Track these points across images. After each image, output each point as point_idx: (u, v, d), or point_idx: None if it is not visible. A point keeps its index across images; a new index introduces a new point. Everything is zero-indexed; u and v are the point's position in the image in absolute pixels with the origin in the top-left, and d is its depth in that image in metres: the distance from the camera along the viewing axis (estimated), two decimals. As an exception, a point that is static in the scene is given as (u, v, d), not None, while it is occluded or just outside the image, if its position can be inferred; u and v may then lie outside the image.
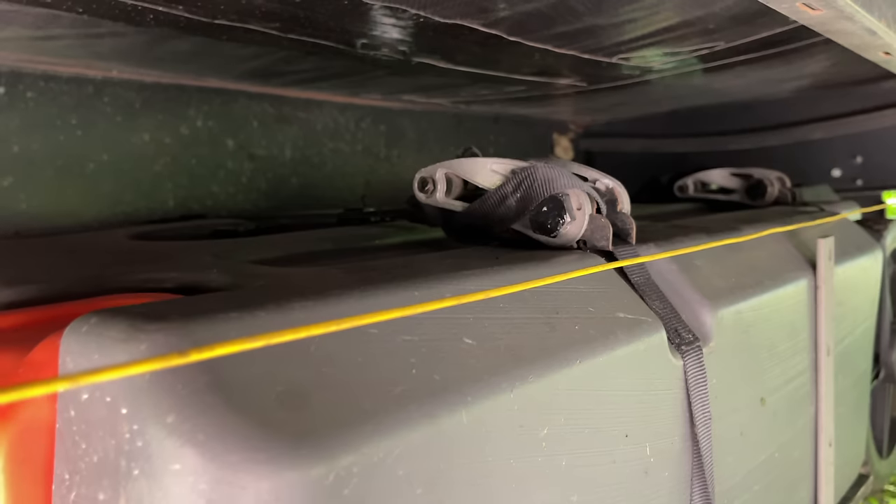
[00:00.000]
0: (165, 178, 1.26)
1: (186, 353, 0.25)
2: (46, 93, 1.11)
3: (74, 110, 1.14)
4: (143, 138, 1.23)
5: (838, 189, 1.76)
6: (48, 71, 1.09)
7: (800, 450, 0.79)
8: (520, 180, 0.61)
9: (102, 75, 1.15)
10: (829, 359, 0.82)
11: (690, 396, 0.57)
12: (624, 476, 0.50)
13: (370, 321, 0.33)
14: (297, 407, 0.32)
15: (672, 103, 1.83)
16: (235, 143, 1.38)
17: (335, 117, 1.57)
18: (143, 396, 0.30)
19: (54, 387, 0.21)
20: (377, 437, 0.33)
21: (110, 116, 1.19)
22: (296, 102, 1.47)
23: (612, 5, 0.89)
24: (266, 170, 1.44)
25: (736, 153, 1.96)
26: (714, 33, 1.05)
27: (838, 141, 1.88)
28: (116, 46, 0.93)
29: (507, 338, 0.44)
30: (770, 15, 0.85)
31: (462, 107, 1.73)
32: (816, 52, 1.25)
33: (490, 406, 0.40)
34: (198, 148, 1.30)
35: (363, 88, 1.42)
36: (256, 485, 0.29)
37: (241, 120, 1.36)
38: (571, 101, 1.73)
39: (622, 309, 0.54)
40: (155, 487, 0.30)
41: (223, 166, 1.36)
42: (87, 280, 0.51)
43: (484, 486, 0.39)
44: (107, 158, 1.19)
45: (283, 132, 1.45)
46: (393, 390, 0.36)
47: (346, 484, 0.32)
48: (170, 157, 1.26)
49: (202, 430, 0.29)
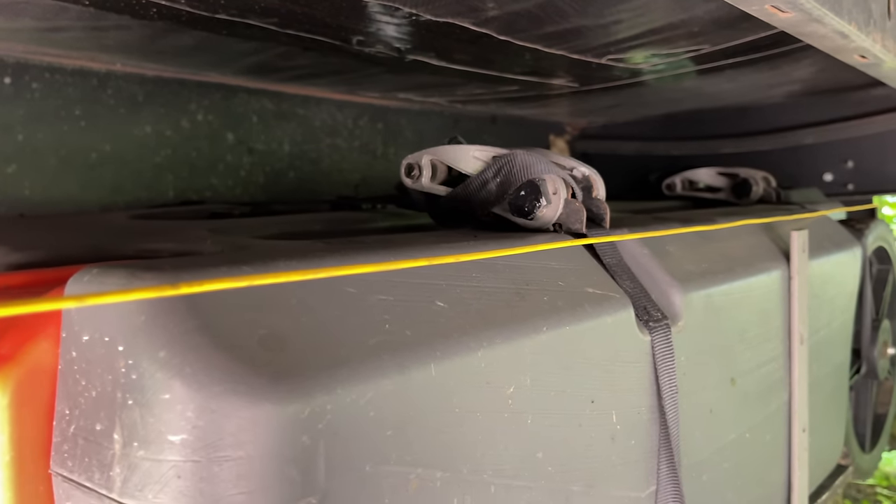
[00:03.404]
0: (166, 169, 1.30)
1: (177, 286, 0.28)
2: (52, 84, 1.14)
3: (79, 102, 1.18)
4: (144, 130, 1.27)
5: (830, 194, 1.79)
6: (53, 63, 1.13)
7: (773, 433, 0.82)
8: (500, 166, 0.64)
9: (106, 68, 1.19)
10: (802, 347, 0.85)
11: (658, 370, 0.60)
12: (590, 439, 0.53)
13: (344, 273, 0.36)
14: (278, 349, 0.35)
15: (666, 106, 1.87)
16: (235, 137, 1.42)
17: (333, 114, 1.61)
18: (139, 335, 0.33)
19: (60, 304, 0.24)
20: (350, 381, 0.37)
21: (113, 108, 1.22)
22: (294, 99, 1.50)
23: (598, 7, 0.93)
24: (264, 164, 1.47)
25: (730, 157, 1.99)
26: (699, 36, 1.09)
27: (830, 146, 1.91)
28: (121, 39, 0.97)
29: (478, 303, 0.47)
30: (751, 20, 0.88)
31: (459, 106, 1.76)
32: (801, 57, 1.28)
33: (458, 362, 0.43)
34: (198, 141, 1.34)
35: (360, 86, 1.45)
36: (237, 413, 0.32)
37: (241, 115, 1.40)
38: (566, 102, 1.76)
39: (592, 285, 0.57)
40: (147, 414, 0.33)
41: (223, 159, 1.39)
42: (88, 249, 0.54)
43: (452, 433, 0.42)
44: (109, 149, 1.22)
45: (281, 128, 1.48)
46: (367, 342, 0.39)
47: (320, 419, 0.35)
48: (171, 150, 1.30)
49: (190, 364, 0.32)
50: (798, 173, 1.89)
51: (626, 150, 2.18)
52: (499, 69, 1.29)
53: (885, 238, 1.48)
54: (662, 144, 2.10)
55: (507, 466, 0.46)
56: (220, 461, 0.32)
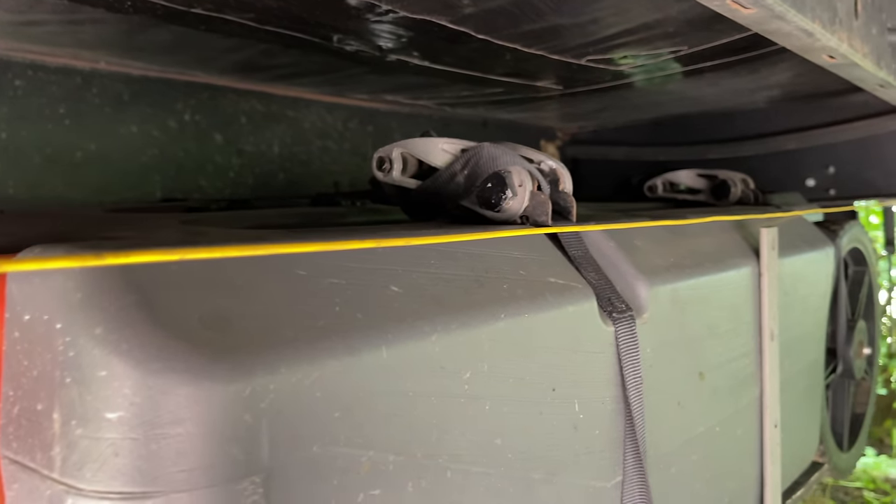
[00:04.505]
0: (153, 169, 1.30)
1: (102, 256, 0.28)
2: (35, 82, 1.14)
3: (62, 100, 1.18)
4: (131, 130, 1.27)
5: (813, 199, 1.81)
6: (36, 61, 1.13)
7: (744, 428, 0.82)
8: (468, 158, 0.65)
9: (90, 66, 1.19)
10: (773, 343, 0.85)
11: (622, 361, 0.60)
12: (552, 427, 0.53)
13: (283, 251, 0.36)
14: (220, 328, 0.35)
15: (652, 111, 1.88)
16: (223, 137, 1.42)
17: (323, 116, 1.61)
18: (76, 312, 0.33)
19: None
20: (296, 361, 0.37)
21: (98, 107, 1.22)
22: (284, 100, 1.51)
23: (574, 5, 0.94)
24: (254, 165, 1.48)
25: (714, 162, 2.01)
26: (675, 37, 1.10)
27: (811, 151, 1.93)
28: (98, 34, 0.97)
29: (434, 289, 0.47)
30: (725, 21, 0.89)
31: (448, 109, 1.77)
32: (778, 60, 1.30)
33: (411, 346, 0.43)
34: (186, 142, 1.34)
35: (346, 86, 1.46)
36: (176, 390, 0.32)
37: (230, 116, 1.40)
38: (554, 105, 1.78)
39: (554, 275, 0.57)
40: (85, 392, 0.33)
41: (211, 160, 1.39)
42: (53, 237, 0.54)
43: (405, 417, 0.42)
44: (94, 148, 1.22)
45: (271, 129, 1.49)
46: (315, 323, 0.39)
47: (262, 398, 0.35)
48: (157, 150, 1.30)
49: (127, 340, 0.33)
50: (782, 178, 1.91)
51: (615, 156, 2.20)
52: (482, 70, 1.30)
53: (860, 239, 1.49)
54: (650, 150, 2.12)
55: (465, 452, 0.46)
56: (158, 439, 0.32)
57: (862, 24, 0.87)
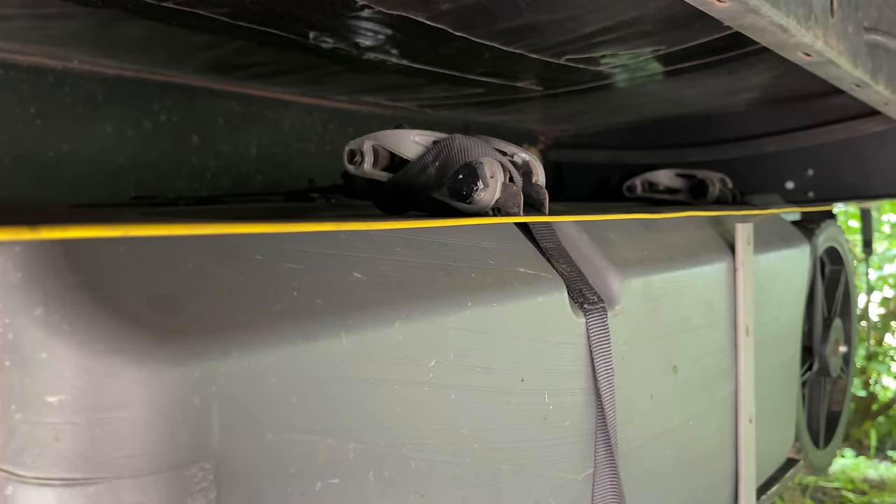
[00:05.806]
0: (128, 170, 1.28)
1: (37, 230, 0.27)
2: (5, 81, 1.12)
3: (33, 99, 1.16)
4: (104, 130, 1.25)
5: (792, 201, 1.83)
6: (7, 59, 1.11)
7: (718, 423, 0.82)
8: (439, 150, 0.64)
9: (63, 65, 1.17)
10: (748, 338, 0.86)
11: (593, 353, 0.59)
12: (520, 418, 0.53)
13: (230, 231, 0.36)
14: (168, 310, 0.34)
15: (633, 113, 1.90)
16: (200, 139, 1.40)
17: (302, 118, 1.60)
18: (15, 292, 0.32)
19: None
20: (249, 345, 0.36)
21: (71, 107, 1.20)
22: (262, 102, 1.50)
23: (551, 2, 0.94)
24: (231, 167, 1.46)
25: (695, 164, 2.03)
26: (654, 35, 1.11)
27: (791, 154, 1.96)
28: (67, 29, 0.96)
29: (399, 277, 0.46)
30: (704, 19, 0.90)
31: (429, 111, 1.77)
32: (757, 61, 1.31)
33: (373, 333, 0.42)
34: (162, 142, 1.32)
35: (325, 87, 1.45)
36: (120, 373, 0.31)
37: (207, 117, 1.39)
38: (535, 107, 1.78)
39: (524, 265, 0.57)
40: (24, 375, 0.32)
41: (187, 161, 1.38)
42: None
43: (366, 405, 0.41)
44: (67, 148, 1.20)
45: (249, 131, 1.47)
46: (271, 308, 0.38)
47: (212, 382, 0.34)
48: (132, 150, 1.28)
49: (68, 321, 0.31)
50: (762, 181, 1.93)
51: (597, 159, 2.22)
52: (461, 69, 1.30)
53: (836, 238, 1.51)
54: (632, 153, 2.14)
55: (429, 441, 0.46)
56: (101, 423, 0.31)
57: (838, 22, 0.88)
